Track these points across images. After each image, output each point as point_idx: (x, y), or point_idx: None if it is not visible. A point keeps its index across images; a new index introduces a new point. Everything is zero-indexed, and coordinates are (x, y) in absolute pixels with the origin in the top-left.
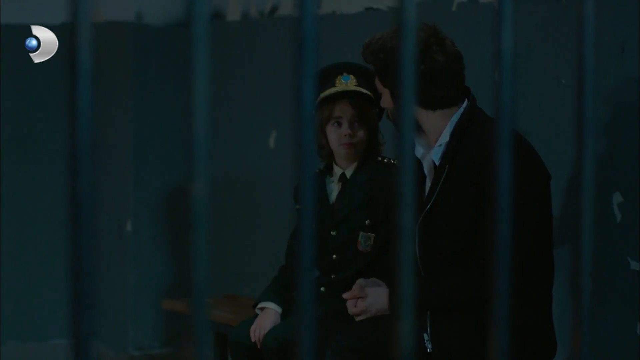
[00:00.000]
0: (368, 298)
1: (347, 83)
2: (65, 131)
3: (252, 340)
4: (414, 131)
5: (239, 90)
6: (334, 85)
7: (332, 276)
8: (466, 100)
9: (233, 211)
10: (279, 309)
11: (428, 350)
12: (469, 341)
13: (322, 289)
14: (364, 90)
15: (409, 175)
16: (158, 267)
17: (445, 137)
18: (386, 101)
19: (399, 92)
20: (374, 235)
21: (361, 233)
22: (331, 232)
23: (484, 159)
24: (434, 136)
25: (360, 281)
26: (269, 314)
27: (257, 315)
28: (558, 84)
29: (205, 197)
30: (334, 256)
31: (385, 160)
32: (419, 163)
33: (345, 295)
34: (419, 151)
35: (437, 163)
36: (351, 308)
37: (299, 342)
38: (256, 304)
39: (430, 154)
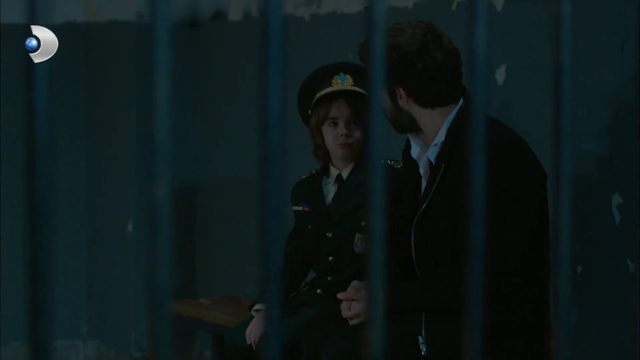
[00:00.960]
0: (363, 301)
1: (343, 83)
2: (23, 132)
3: (248, 342)
4: (383, 131)
5: (240, 90)
6: (330, 85)
7: (329, 278)
8: (462, 98)
9: (234, 212)
10: None
11: (423, 353)
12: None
13: (319, 291)
14: (361, 90)
15: (379, 178)
16: None
17: (441, 137)
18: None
19: (369, 91)
20: None
21: (358, 234)
22: (327, 234)
23: None
24: (431, 135)
25: (354, 283)
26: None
27: (253, 317)
28: None
29: (168, 199)
30: (330, 258)
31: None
32: (414, 164)
33: (339, 296)
34: (415, 151)
35: (433, 162)
36: (345, 311)
37: (266, 344)
38: (252, 306)
39: (427, 154)
